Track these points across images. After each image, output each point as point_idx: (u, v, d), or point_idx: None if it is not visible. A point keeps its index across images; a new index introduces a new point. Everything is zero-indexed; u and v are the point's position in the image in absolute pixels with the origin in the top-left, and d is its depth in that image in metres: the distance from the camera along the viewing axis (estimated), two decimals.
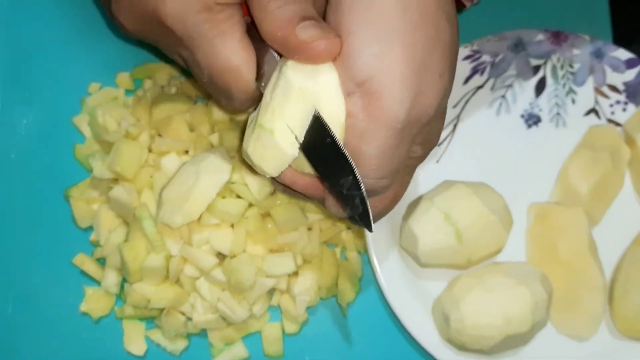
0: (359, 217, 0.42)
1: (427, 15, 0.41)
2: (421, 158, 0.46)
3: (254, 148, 0.42)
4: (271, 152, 0.42)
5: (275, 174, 0.43)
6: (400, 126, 0.40)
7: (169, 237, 0.52)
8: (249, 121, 0.45)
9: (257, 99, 0.45)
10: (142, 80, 0.59)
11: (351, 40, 0.40)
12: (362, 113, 0.40)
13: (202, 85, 0.47)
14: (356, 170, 0.41)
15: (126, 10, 0.45)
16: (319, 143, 0.41)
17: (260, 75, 0.44)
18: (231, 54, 0.43)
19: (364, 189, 0.41)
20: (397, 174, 0.43)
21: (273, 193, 0.53)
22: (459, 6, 0.44)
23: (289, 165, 0.43)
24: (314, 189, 0.44)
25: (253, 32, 0.43)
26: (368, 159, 0.41)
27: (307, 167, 0.43)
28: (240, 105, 0.45)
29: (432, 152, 0.47)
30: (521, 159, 0.59)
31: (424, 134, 0.43)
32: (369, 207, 0.41)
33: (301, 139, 0.42)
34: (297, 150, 0.42)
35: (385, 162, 0.41)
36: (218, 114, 0.56)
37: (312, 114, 0.41)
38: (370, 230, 0.42)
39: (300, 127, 0.41)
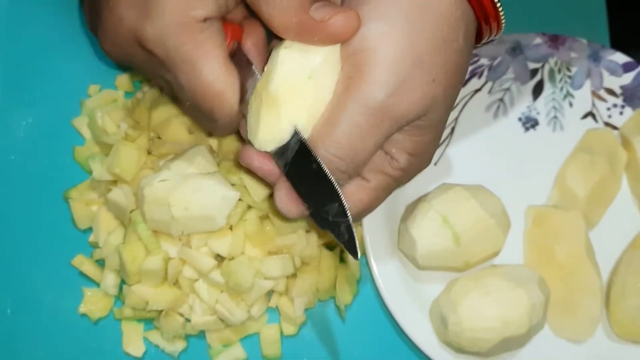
0: (345, 244, 0.42)
1: (442, 20, 0.41)
2: (405, 172, 0.45)
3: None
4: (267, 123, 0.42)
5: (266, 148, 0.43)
6: (374, 106, 0.40)
7: (166, 239, 0.52)
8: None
9: (239, 124, 0.44)
10: (142, 83, 0.59)
11: (359, 11, 0.40)
12: (343, 83, 0.40)
13: (185, 110, 0.46)
14: (342, 198, 0.41)
15: (110, 37, 0.44)
16: (304, 167, 0.41)
17: (244, 100, 0.43)
18: (214, 77, 0.42)
19: (350, 217, 0.41)
20: (359, 164, 0.42)
21: (272, 195, 0.53)
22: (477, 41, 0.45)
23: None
24: (268, 173, 0.44)
25: (238, 57, 0.43)
26: (333, 130, 0.40)
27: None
28: (223, 130, 0.45)
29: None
30: (519, 162, 0.59)
31: (410, 141, 0.43)
32: (355, 235, 0.41)
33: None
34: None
35: (349, 140, 0.41)
36: None
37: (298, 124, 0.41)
38: (356, 258, 0.42)
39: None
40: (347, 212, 0.41)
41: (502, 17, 0.44)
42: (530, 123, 0.60)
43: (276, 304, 0.55)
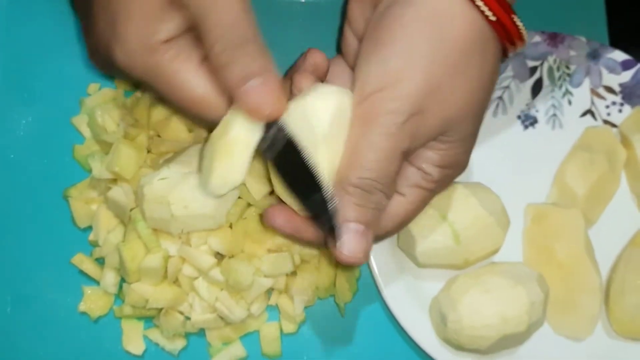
0: (327, 232, 0.43)
1: (457, 45, 0.42)
2: (440, 183, 0.47)
3: None
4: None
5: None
6: (394, 131, 0.42)
7: (166, 238, 0.52)
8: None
9: None
10: None
11: (376, 53, 0.43)
12: (362, 115, 0.43)
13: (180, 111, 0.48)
14: (326, 189, 0.42)
15: (92, 50, 0.46)
16: (291, 164, 0.43)
17: None
18: (191, 87, 0.42)
19: (332, 206, 0.42)
20: (391, 181, 0.44)
21: (271, 193, 0.53)
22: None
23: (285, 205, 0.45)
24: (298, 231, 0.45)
25: None
26: (361, 159, 0.42)
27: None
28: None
29: None
30: (518, 160, 0.59)
31: (438, 154, 0.45)
32: (337, 223, 0.42)
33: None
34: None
35: (377, 163, 0.42)
36: None
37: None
38: (336, 243, 0.42)
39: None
40: (331, 201, 0.42)
41: (525, 35, 0.45)
42: (529, 121, 0.60)
43: (276, 302, 0.55)
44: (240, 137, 0.42)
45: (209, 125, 0.45)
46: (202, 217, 0.50)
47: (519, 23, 0.44)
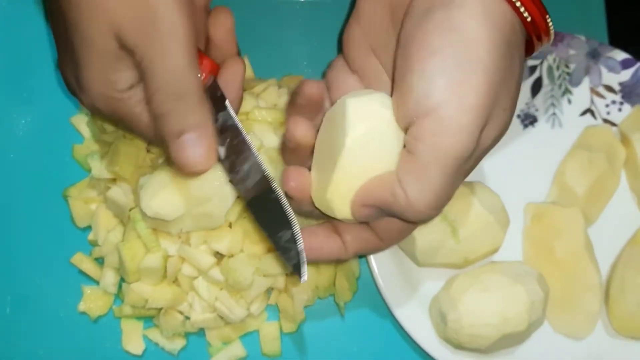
0: (293, 266, 0.43)
1: (508, 45, 0.40)
2: None
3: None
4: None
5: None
6: (466, 156, 0.39)
7: (165, 237, 0.52)
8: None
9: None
10: None
11: (425, 62, 0.39)
12: (426, 143, 0.39)
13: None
14: (296, 228, 0.43)
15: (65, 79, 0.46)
16: (264, 198, 0.43)
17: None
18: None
19: (301, 244, 0.43)
20: (446, 203, 0.42)
21: None
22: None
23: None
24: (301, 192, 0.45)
25: (212, 90, 0.44)
26: (427, 192, 0.40)
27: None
28: None
29: None
30: (518, 159, 0.59)
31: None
32: (303, 260, 0.43)
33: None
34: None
35: (442, 194, 0.40)
36: None
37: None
38: (300, 279, 0.43)
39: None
40: (298, 239, 0.43)
41: (552, 28, 0.43)
42: (529, 120, 0.60)
43: (276, 302, 0.55)
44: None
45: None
46: (201, 216, 0.50)
47: (550, 22, 0.42)
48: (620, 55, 0.60)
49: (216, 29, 0.46)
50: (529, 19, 0.41)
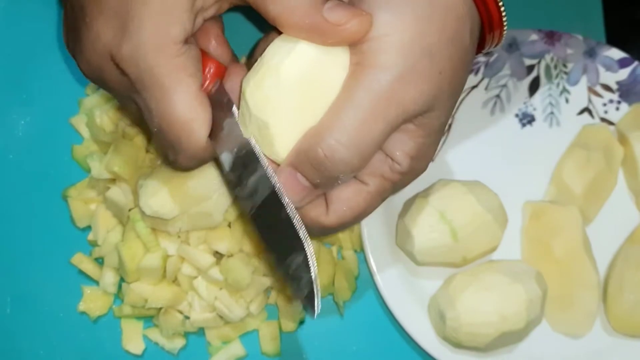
0: (304, 300, 0.40)
1: (451, 14, 0.41)
2: (405, 176, 0.43)
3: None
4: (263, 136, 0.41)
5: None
6: (380, 90, 0.39)
7: (164, 237, 0.52)
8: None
9: (205, 161, 0.43)
10: None
11: (368, 1, 0.40)
12: (350, 71, 0.40)
13: (152, 137, 0.44)
14: (309, 252, 0.39)
15: (85, 55, 0.43)
16: (273, 216, 0.40)
17: (217, 138, 0.41)
18: (184, 105, 0.40)
19: (314, 272, 0.39)
20: (364, 156, 0.40)
21: None
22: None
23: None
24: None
25: (219, 95, 0.42)
26: (340, 117, 0.39)
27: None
28: (186, 163, 0.43)
29: None
30: (516, 158, 0.59)
31: (413, 141, 0.42)
32: (316, 291, 0.40)
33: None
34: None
35: (354, 127, 0.39)
36: None
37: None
38: (312, 316, 0.40)
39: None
40: (312, 267, 0.39)
41: (505, 26, 0.44)
42: (526, 119, 0.61)
43: (275, 301, 0.55)
44: (275, 80, 0.39)
45: (172, 159, 0.43)
46: (200, 216, 0.50)
47: (503, 10, 0.43)
48: (618, 54, 0.61)
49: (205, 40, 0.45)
50: None
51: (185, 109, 0.40)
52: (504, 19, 0.44)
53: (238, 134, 0.41)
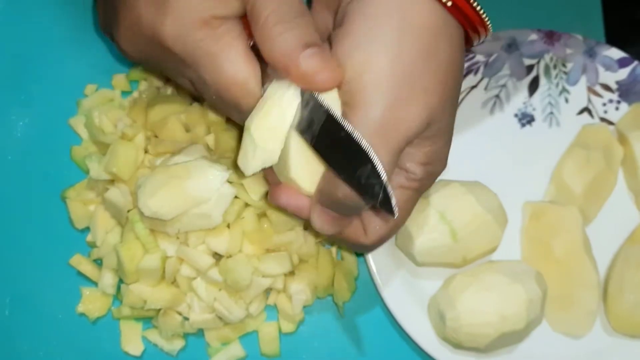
0: (380, 204, 0.41)
1: (423, 33, 0.42)
2: (423, 181, 0.45)
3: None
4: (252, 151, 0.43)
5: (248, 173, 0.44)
6: (374, 126, 0.40)
7: (163, 238, 0.52)
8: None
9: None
10: (138, 82, 0.59)
11: (341, 46, 0.41)
12: (342, 111, 0.42)
13: (212, 104, 0.46)
14: (375, 159, 0.40)
15: (128, 37, 0.45)
16: (332, 137, 0.41)
17: (266, 79, 0.44)
18: (236, 68, 0.42)
19: (384, 176, 0.40)
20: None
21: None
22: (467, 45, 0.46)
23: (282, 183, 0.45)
24: (298, 210, 0.45)
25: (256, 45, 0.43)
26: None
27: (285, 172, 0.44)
28: (247, 115, 0.45)
29: None
30: (515, 158, 0.59)
31: (421, 152, 0.43)
32: (390, 192, 0.40)
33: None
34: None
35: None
36: (213, 115, 0.56)
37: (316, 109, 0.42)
38: (393, 215, 0.41)
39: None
40: (381, 172, 0.40)
41: (488, 22, 0.44)
42: (526, 119, 0.60)
43: (274, 302, 0.55)
44: (279, 111, 0.42)
45: (237, 119, 0.45)
46: (199, 216, 0.50)
47: (479, 9, 0.43)
48: (617, 53, 0.60)
49: None
50: (449, 4, 0.42)
51: (237, 70, 0.42)
52: (485, 17, 0.44)
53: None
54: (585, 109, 0.61)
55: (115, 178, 0.53)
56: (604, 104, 0.61)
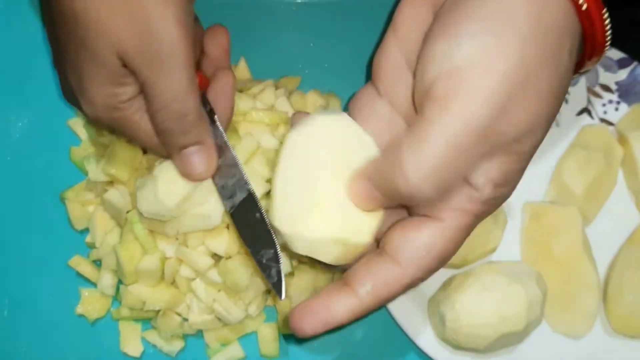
0: (273, 285, 0.46)
1: (553, 30, 0.37)
2: (488, 205, 0.40)
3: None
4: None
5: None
6: (477, 125, 0.35)
7: (162, 239, 0.52)
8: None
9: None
10: None
11: (458, 26, 0.36)
12: (436, 102, 0.36)
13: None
14: (278, 247, 0.45)
15: (65, 94, 0.49)
16: (248, 215, 0.46)
17: None
18: (152, 133, 0.46)
19: (281, 263, 0.45)
20: (444, 191, 0.38)
21: (268, 194, 0.53)
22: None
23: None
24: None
25: (202, 105, 0.46)
26: (424, 152, 0.36)
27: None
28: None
29: None
30: None
31: (499, 169, 0.38)
32: (282, 279, 0.45)
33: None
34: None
35: (442, 162, 0.36)
36: None
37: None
38: (280, 297, 0.46)
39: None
40: (280, 259, 0.45)
41: (608, 41, 0.40)
42: None
43: (274, 303, 0.55)
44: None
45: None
46: (198, 217, 0.50)
47: (607, 21, 0.39)
48: (617, 54, 0.60)
49: (214, 47, 0.50)
50: (584, 7, 0.38)
51: (154, 135, 0.47)
52: (608, 35, 0.40)
53: (218, 140, 0.47)
54: (585, 110, 0.61)
55: (114, 179, 0.53)
56: (604, 105, 0.61)
